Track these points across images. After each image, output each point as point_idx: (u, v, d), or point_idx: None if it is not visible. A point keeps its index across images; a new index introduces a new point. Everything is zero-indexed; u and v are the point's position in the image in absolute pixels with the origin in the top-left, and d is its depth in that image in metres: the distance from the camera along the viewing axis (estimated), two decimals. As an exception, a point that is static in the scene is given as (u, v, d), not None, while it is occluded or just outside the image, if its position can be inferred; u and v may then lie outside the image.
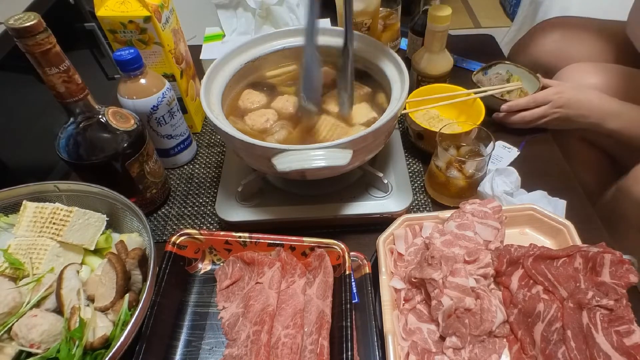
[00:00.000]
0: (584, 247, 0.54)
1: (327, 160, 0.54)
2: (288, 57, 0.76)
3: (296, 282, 0.58)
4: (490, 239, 0.58)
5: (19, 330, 0.48)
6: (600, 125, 0.77)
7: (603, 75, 0.85)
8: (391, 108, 0.61)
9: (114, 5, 0.69)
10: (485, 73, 0.90)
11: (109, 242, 0.61)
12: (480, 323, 0.51)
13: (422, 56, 0.83)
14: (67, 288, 0.52)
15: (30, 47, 0.50)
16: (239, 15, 0.96)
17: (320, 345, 0.51)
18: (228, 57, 0.70)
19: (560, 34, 0.96)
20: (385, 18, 0.94)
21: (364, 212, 0.67)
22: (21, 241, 0.56)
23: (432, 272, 0.53)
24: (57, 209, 0.57)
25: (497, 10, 2.47)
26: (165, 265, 0.58)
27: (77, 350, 0.47)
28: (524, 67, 0.87)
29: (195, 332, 0.57)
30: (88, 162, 0.61)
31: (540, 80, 0.83)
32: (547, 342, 0.50)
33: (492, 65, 0.90)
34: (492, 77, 0.89)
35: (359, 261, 0.61)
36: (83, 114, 0.59)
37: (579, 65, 0.88)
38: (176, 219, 0.74)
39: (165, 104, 0.71)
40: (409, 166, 0.79)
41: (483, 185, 0.67)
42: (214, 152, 0.85)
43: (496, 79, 0.88)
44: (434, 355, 0.51)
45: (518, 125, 0.82)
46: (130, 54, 0.65)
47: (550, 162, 0.79)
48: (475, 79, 0.86)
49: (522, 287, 0.55)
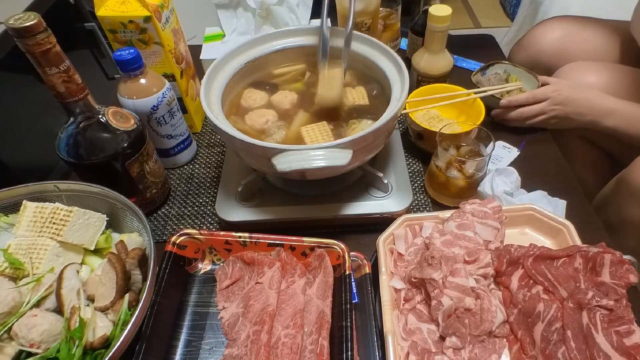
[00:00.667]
0: (584, 247, 0.54)
1: (327, 160, 0.54)
2: (288, 57, 0.76)
3: (296, 282, 0.58)
4: (490, 239, 0.58)
5: (19, 330, 0.48)
6: (597, 123, 0.78)
7: (603, 73, 0.85)
8: (391, 108, 0.61)
9: (114, 5, 0.69)
10: (483, 73, 0.90)
11: (109, 242, 0.61)
12: (480, 323, 0.51)
13: (422, 56, 0.83)
14: (67, 288, 0.52)
15: (31, 47, 0.50)
16: (239, 15, 0.96)
17: (320, 345, 0.51)
18: (228, 57, 0.70)
19: (561, 33, 0.96)
20: (385, 18, 0.94)
21: (364, 212, 0.67)
22: (21, 241, 0.56)
23: (432, 272, 0.53)
24: (57, 209, 0.57)
25: (497, 10, 2.47)
26: (165, 265, 0.58)
27: (77, 350, 0.47)
28: (522, 66, 0.87)
29: (195, 332, 0.57)
30: (88, 162, 0.61)
31: (539, 79, 0.83)
32: (547, 342, 0.50)
33: (490, 65, 0.90)
34: (490, 77, 0.89)
35: (359, 261, 0.61)
36: (83, 113, 0.59)
37: (579, 64, 0.88)
38: (176, 219, 0.74)
39: (165, 103, 0.71)
40: (409, 166, 0.79)
41: (483, 185, 0.67)
42: (214, 152, 0.85)
43: (495, 79, 0.88)
44: (433, 355, 0.51)
45: (516, 122, 0.82)
46: (130, 54, 0.65)
47: (550, 162, 0.79)
48: (474, 80, 0.86)
49: (522, 287, 0.55)
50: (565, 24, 0.97)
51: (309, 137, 0.65)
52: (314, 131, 0.65)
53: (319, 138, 0.64)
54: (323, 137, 0.64)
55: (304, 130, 0.65)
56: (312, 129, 0.66)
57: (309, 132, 0.65)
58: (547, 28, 0.97)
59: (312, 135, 0.65)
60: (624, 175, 0.73)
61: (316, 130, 0.65)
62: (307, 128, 0.66)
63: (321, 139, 0.64)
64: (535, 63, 0.97)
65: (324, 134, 0.65)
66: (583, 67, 0.87)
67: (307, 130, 0.66)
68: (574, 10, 1.06)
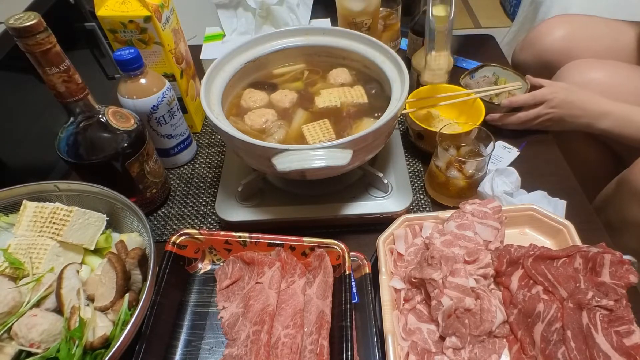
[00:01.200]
0: (584, 248, 0.54)
1: (327, 160, 0.54)
2: (288, 56, 0.76)
3: (296, 282, 0.58)
4: (490, 239, 0.58)
5: (18, 330, 0.48)
6: (592, 125, 0.78)
7: (608, 70, 0.85)
8: (391, 108, 0.61)
9: (114, 5, 0.69)
10: (472, 76, 0.90)
11: (109, 241, 0.61)
12: (480, 323, 0.51)
13: (422, 56, 0.83)
14: (67, 288, 0.52)
15: (31, 47, 0.50)
16: (239, 15, 0.96)
17: (320, 345, 0.51)
18: (228, 57, 0.70)
19: (566, 30, 0.96)
20: (385, 18, 0.94)
21: (364, 212, 0.67)
22: (21, 241, 0.56)
23: (432, 272, 0.53)
24: (57, 209, 0.57)
25: (497, 10, 2.47)
26: (165, 265, 0.58)
27: (77, 349, 0.47)
28: (510, 68, 0.88)
29: (195, 332, 0.57)
30: (88, 161, 0.61)
31: (529, 81, 0.83)
32: (547, 343, 0.50)
33: (479, 68, 0.90)
34: (479, 80, 0.89)
35: (359, 261, 0.61)
36: (83, 113, 0.59)
37: (583, 61, 0.88)
38: (176, 218, 0.74)
39: (165, 103, 0.71)
40: (409, 166, 0.79)
41: (483, 185, 0.67)
42: (214, 152, 0.85)
43: (484, 82, 0.88)
44: (433, 355, 0.51)
45: (513, 126, 0.82)
46: (131, 54, 0.65)
47: (550, 162, 0.79)
48: (463, 83, 0.86)
49: (522, 287, 0.55)
50: (570, 21, 0.97)
51: (311, 135, 0.65)
52: (315, 129, 0.65)
53: (321, 136, 0.64)
54: (324, 135, 0.64)
55: (305, 129, 0.65)
56: (314, 127, 0.66)
57: (310, 130, 0.65)
58: (552, 25, 0.97)
59: (314, 133, 0.65)
60: (625, 176, 0.73)
61: (317, 128, 0.65)
62: (309, 126, 0.66)
63: (322, 137, 0.64)
64: (540, 61, 0.96)
65: (325, 131, 0.65)
66: (589, 64, 0.87)
67: (309, 128, 0.66)
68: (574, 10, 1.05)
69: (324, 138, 0.64)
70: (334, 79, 0.74)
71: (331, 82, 0.74)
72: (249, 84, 0.74)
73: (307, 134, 0.65)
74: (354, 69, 0.75)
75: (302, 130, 0.66)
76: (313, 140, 0.64)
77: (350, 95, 0.70)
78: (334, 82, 0.73)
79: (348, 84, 0.73)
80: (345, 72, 0.74)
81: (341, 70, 0.74)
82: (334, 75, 0.74)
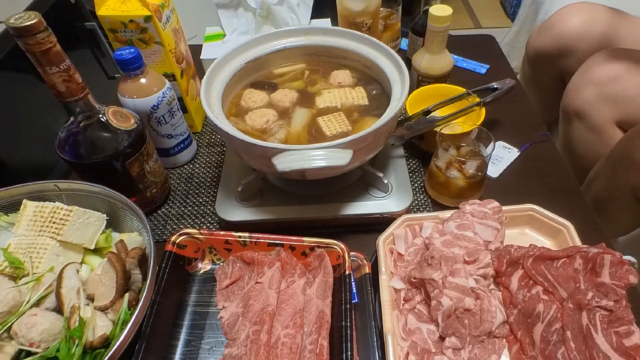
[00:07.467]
0: (584, 248, 0.54)
1: (327, 160, 0.54)
2: (289, 56, 0.76)
3: (296, 282, 0.58)
4: (490, 240, 0.58)
5: (18, 329, 0.48)
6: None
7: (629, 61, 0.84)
8: (391, 108, 0.61)
9: (114, 4, 0.69)
10: None
11: (109, 241, 0.61)
12: (479, 323, 0.51)
13: (422, 56, 0.83)
14: (66, 287, 0.52)
15: (31, 46, 0.50)
16: (240, 15, 0.96)
17: (320, 345, 0.51)
18: (228, 56, 0.70)
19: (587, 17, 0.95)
20: (385, 18, 0.94)
21: (364, 212, 0.67)
22: (21, 240, 0.56)
23: (432, 272, 0.53)
24: (57, 208, 0.57)
25: (497, 10, 2.47)
26: (165, 264, 0.58)
27: (76, 349, 0.47)
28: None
29: (195, 332, 0.57)
30: (88, 161, 0.61)
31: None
32: (547, 343, 0.50)
33: None
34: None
35: (359, 261, 0.61)
36: (83, 113, 0.59)
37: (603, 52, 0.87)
38: (176, 218, 0.74)
39: (165, 103, 0.71)
40: (409, 166, 0.79)
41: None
42: (214, 152, 0.85)
43: None
44: (433, 355, 0.51)
45: None
46: (131, 54, 0.65)
47: (550, 162, 0.79)
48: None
49: (522, 288, 0.55)
50: (590, 9, 0.96)
51: (327, 126, 0.65)
52: (332, 121, 0.66)
53: (337, 127, 0.65)
54: (341, 126, 0.65)
55: (322, 120, 0.66)
56: (329, 119, 0.66)
57: (326, 122, 0.66)
58: (572, 10, 0.97)
59: (330, 125, 0.65)
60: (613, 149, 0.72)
61: (333, 120, 0.66)
62: (324, 118, 0.66)
63: (340, 128, 0.65)
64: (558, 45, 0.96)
65: (342, 123, 0.65)
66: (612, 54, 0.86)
67: (324, 120, 0.66)
68: None
69: (340, 129, 0.64)
70: (335, 80, 0.74)
71: (332, 82, 0.74)
72: (249, 83, 0.74)
73: (324, 125, 0.65)
74: (354, 69, 0.75)
75: (318, 122, 0.66)
76: (330, 131, 0.64)
77: (351, 96, 0.70)
78: (334, 83, 0.73)
79: (349, 85, 0.73)
80: (346, 73, 0.74)
81: (342, 72, 0.74)
82: (335, 76, 0.74)
